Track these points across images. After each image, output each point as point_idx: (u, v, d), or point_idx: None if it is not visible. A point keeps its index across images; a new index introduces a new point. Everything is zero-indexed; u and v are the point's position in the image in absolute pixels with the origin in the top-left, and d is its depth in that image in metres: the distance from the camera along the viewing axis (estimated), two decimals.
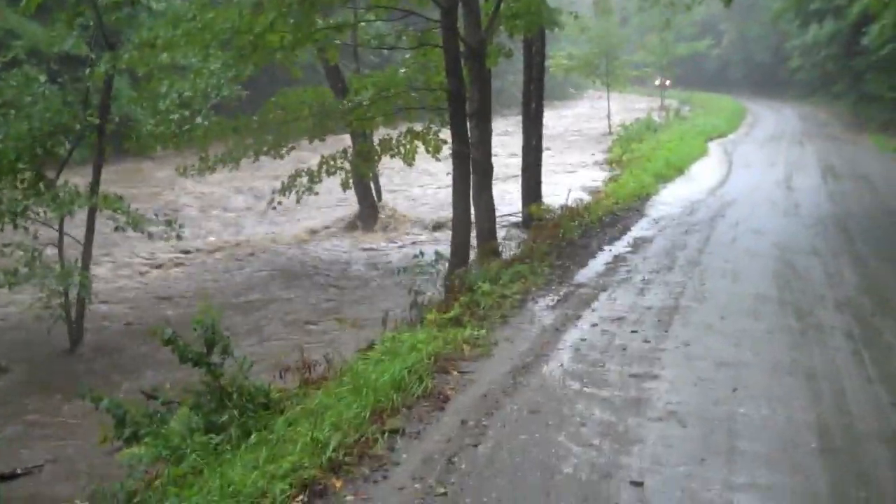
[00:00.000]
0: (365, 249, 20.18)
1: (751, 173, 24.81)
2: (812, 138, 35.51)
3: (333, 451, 5.50)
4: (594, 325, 9.05)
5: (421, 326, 9.07)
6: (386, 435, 5.87)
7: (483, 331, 8.64)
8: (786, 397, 6.79)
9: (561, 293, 10.71)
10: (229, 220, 24.70)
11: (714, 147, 33.23)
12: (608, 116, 46.24)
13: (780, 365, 7.60)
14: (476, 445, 5.83)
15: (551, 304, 10.16)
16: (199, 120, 14.12)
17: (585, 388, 6.97)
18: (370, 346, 8.38)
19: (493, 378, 7.26)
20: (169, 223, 13.25)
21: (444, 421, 6.28)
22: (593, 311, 9.71)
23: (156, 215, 13.35)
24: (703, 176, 24.70)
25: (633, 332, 8.71)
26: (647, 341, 8.34)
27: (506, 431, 6.08)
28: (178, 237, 13.39)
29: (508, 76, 54.26)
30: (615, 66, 48.46)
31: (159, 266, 18.86)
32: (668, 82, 60.84)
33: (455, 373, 7.41)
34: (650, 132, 38.29)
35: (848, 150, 30.84)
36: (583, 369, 7.49)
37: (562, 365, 7.65)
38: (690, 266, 12.34)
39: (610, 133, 42.79)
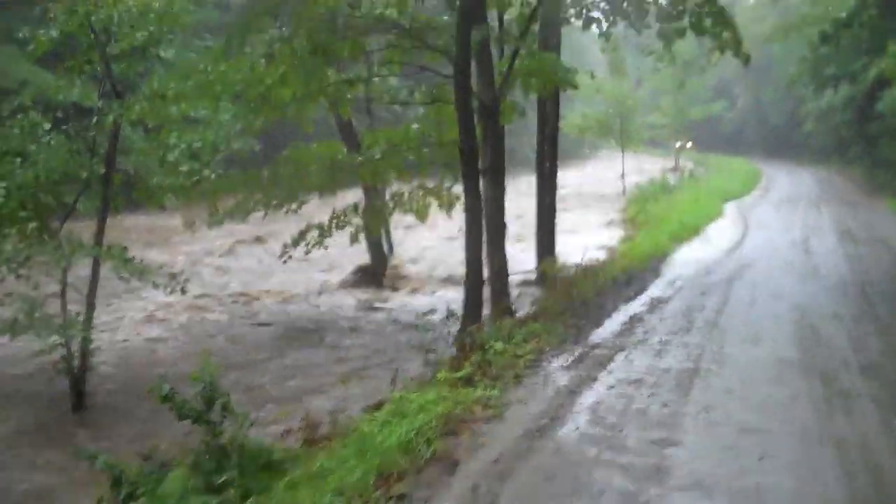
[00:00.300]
0: (374, 306, 19.76)
1: (767, 235, 24.47)
2: (828, 202, 35.15)
3: None
4: (611, 387, 8.72)
5: (431, 385, 8.74)
6: (392, 502, 5.52)
7: (495, 391, 8.32)
8: (817, 468, 6.43)
9: (576, 353, 10.38)
10: (240, 271, 24.45)
11: (730, 208, 32.93)
12: (622, 177, 46.08)
13: (807, 433, 7.23)
14: None
15: (566, 364, 9.83)
16: (206, 172, 13.92)
17: (603, 454, 6.62)
18: (378, 406, 8.05)
19: (505, 441, 6.92)
20: (173, 276, 13.00)
21: (454, 487, 5.94)
22: (609, 372, 9.38)
23: (160, 268, 13.04)
24: (718, 237, 24.39)
25: (651, 395, 8.37)
26: (666, 405, 7.99)
27: (519, 500, 5.73)
28: (183, 291, 13.11)
29: (522, 136, 54.36)
30: (629, 128, 48.46)
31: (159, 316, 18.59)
32: (689, 144, 60.94)
33: (466, 435, 7.08)
34: (665, 193, 38.07)
35: (864, 213, 30.50)
36: (600, 433, 7.15)
37: (578, 428, 7.31)
38: (709, 328, 12.01)
39: (624, 193, 42.61)
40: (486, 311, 13.96)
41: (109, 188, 12.74)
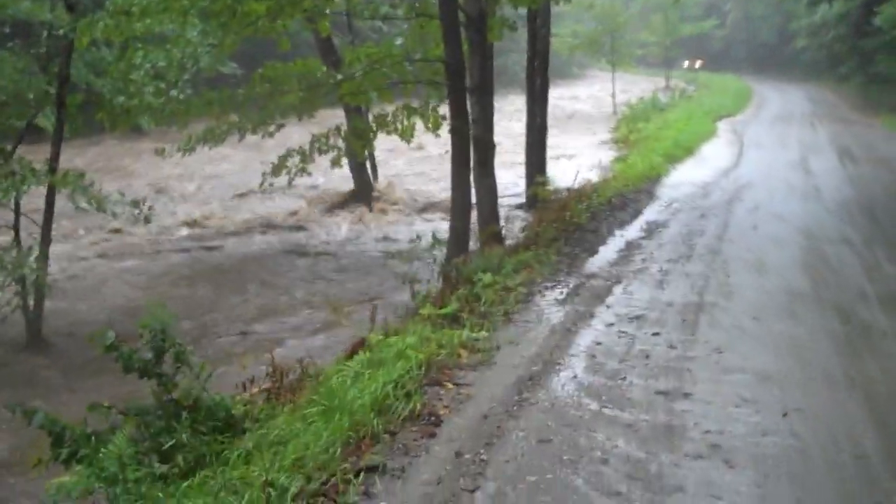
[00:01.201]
0: (358, 233, 19.00)
1: (764, 155, 23.66)
2: (822, 119, 34.37)
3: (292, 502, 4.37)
4: (610, 325, 7.93)
5: (413, 323, 7.95)
6: (361, 475, 4.72)
7: (483, 332, 7.52)
8: (849, 423, 5.69)
9: (570, 285, 9.59)
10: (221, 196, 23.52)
11: (723, 127, 32.11)
12: (613, 95, 44.99)
13: (832, 380, 6.47)
14: (473, 490, 4.72)
15: (560, 297, 9.04)
16: (173, 93, 12.94)
17: (605, 409, 5.82)
18: (351, 353, 7.24)
19: (494, 393, 6.11)
20: (135, 203, 12.05)
21: (435, 452, 5.14)
22: (608, 307, 8.59)
23: (122, 195, 12.04)
24: (714, 157, 23.58)
25: (654, 334, 7.58)
26: (672, 347, 7.20)
27: (510, 469, 4.95)
28: (147, 220, 12.22)
29: (512, 54, 53.01)
30: (620, 45, 47.29)
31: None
32: (699, 63, 60.01)
33: (450, 385, 6.28)
34: (656, 111, 37.16)
35: (861, 131, 29.67)
36: (600, 383, 6.35)
37: (575, 377, 6.51)
38: (711, 255, 11.23)
39: (615, 113, 41.58)
40: (474, 237, 13.19)
41: (63, 110, 11.72)
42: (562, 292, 9.28)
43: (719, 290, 9.19)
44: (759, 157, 23.23)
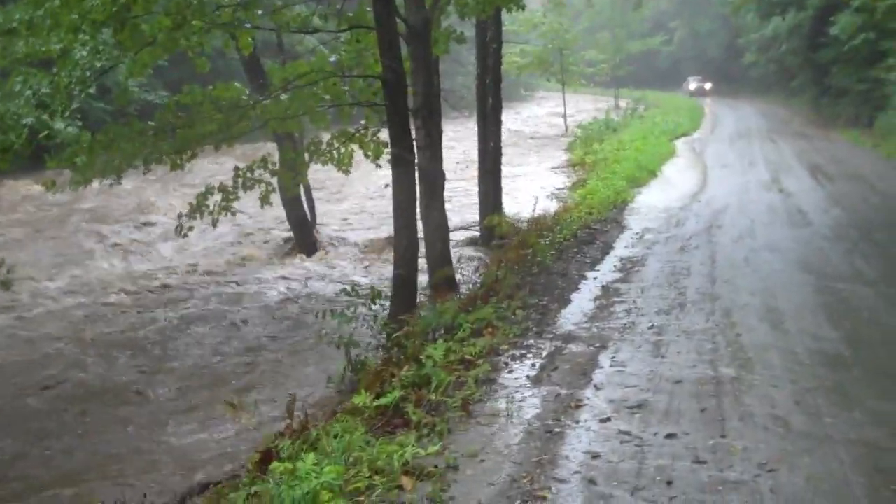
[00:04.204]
0: (288, 282, 15.83)
1: (731, 175, 22.19)
2: (781, 135, 33.28)
3: None
4: (604, 420, 5.90)
5: (341, 423, 5.88)
6: None
7: (435, 440, 5.48)
8: None
9: (543, 353, 7.62)
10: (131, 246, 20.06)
11: (681, 146, 30.93)
12: (565, 116, 43.42)
13: None
14: None
15: (532, 374, 7.04)
16: (59, 125, 10.81)
17: None
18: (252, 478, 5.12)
19: None
20: None
21: None
22: (596, 388, 6.59)
23: None
24: (679, 178, 22.09)
25: (669, 436, 5.56)
26: (700, 461, 5.16)
27: None
28: (6, 286, 9.93)
29: (457, 77, 51.26)
30: (569, 64, 45.82)
31: None
32: (708, 85, 59.59)
33: None
34: (610, 131, 35.71)
35: (824, 146, 28.39)
36: None
37: None
38: (707, 301, 9.36)
39: (568, 133, 39.97)
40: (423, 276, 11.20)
41: None
42: (534, 364, 7.30)
43: (734, 357, 7.24)
44: (726, 177, 21.75)
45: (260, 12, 13.31)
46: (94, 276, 16.73)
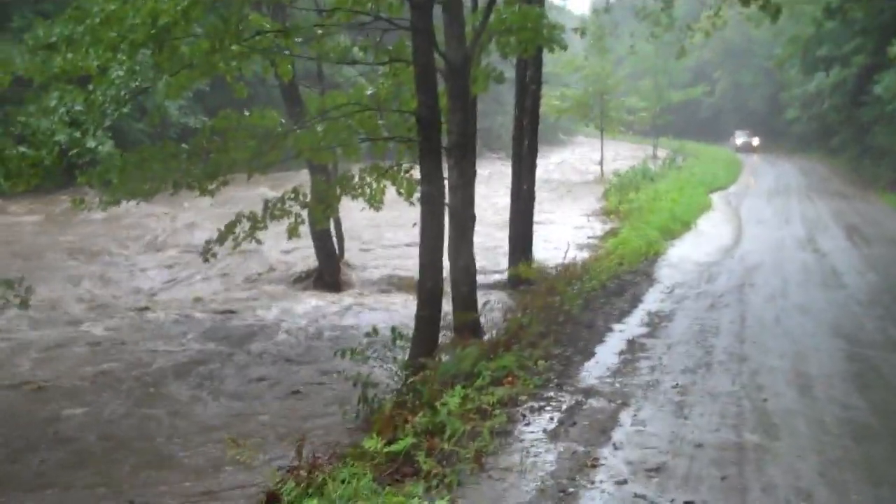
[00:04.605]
0: (313, 318, 15.47)
1: (766, 231, 21.88)
2: (819, 194, 32.84)
3: None
4: (621, 482, 5.70)
5: (349, 467, 5.72)
6: None
7: (444, 496, 5.30)
8: None
9: (563, 407, 7.43)
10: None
11: (717, 199, 30.58)
12: (601, 163, 43.28)
13: None
14: None
15: (550, 428, 6.85)
16: (91, 144, 10.84)
17: None
18: None
19: None
20: (9, 284, 9.69)
21: None
22: (615, 448, 6.38)
23: None
24: (713, 232, 21.80)
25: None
26: None
27: None
28: (25, 304, 9.86)
29: (497, 116, 51.30)
30: (609, 109, 45.68)
31: None
32: (756, 141, 58.99)
33: None
34: (646, 181, 35.45)
35: (862, 208, 28.00)
36: None
37: None
38: (734, 362, 9.13)
39: (603, 180, 39.80)
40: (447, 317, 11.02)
41: None
42: (552, 418, 7.11)
43: (760, 423, 7.01)
44: (761, 233, 21.43)
45: (300, 40, 13.30)
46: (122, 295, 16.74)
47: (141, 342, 13.66)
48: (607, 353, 9.60)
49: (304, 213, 14.42)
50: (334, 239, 19.11)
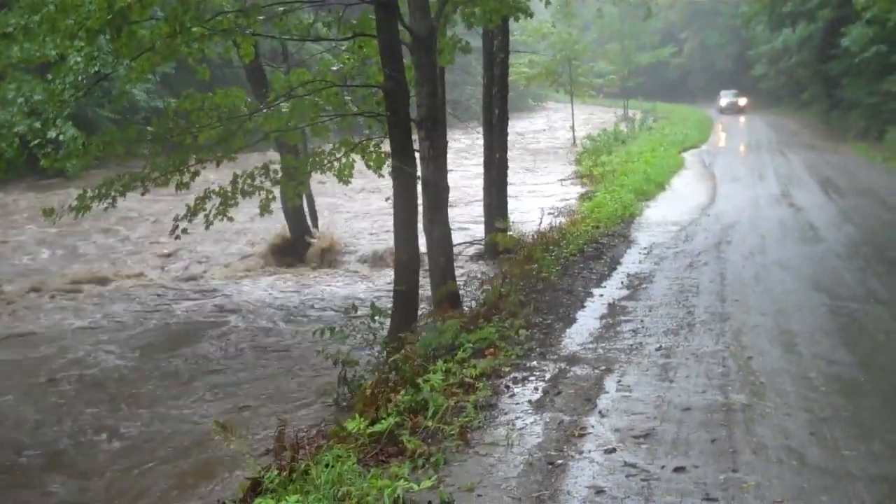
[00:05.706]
0: (287, 293, 15.63)
1: (741, 188, 21.87)
2: (791, 148, 32.99)
3: None
4: (609, 451, 5.59)
5: (332, 451, 5.59)
6: None
7: (430, 475, 5.18)
8: None
9: (546, 376, 7.31)
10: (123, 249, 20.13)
11: (690, 158, 30.61)
12: (573, 127, 43.12)
13: None
14: None
15: (535, 398, 6.73)
16: (52, 134, 10.58)
17: None
18: None
19: None
20: None
21: None
22: (601, 415, 6.28)
23: None
24: (688, 191, 21.76)
25: (678, 470, 5.26)
26: (711, 499, 4.89)
27: None
28: None
29: (465, 87, 51.00)
30: (578, 75, 45.49)
31: None
32: (742, 101, 57.98)
33: None
34: (618, 143, 35.47)
35: (834, 160, 28.12)
36: None
37: None
38: (717, 322, 9.05)
39: (576, 145, 39.67)
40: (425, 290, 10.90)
41: None
42: (536, 388, 6.99)
43: (746, 382, 6.92)
44: (736, 191, 21.41)
45: (262, 18, 13.00)
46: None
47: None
48: (588, 318, 9.50)
49: (277, 191, 14.22)
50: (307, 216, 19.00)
